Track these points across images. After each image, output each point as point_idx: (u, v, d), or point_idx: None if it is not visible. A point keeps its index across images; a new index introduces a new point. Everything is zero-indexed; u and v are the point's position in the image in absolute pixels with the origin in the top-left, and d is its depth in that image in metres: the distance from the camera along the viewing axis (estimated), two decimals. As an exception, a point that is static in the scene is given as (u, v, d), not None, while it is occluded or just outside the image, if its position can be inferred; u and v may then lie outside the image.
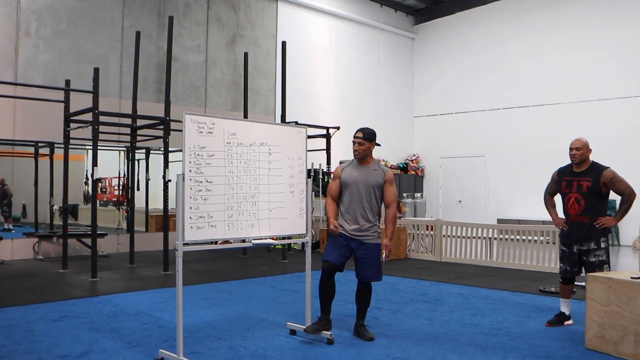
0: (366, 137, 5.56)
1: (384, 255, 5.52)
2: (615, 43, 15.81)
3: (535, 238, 10.45)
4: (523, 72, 17.62)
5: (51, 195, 12.25)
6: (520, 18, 17.86)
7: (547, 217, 6.60)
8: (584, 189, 5.85)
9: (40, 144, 12.60)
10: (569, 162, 6.08)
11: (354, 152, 5.59)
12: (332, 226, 5.43)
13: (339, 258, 5.40)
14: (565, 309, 6.14)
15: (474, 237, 11.48)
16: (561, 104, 16.72)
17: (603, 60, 16.00)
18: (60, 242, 10.72)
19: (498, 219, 16.94)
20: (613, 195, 5.97)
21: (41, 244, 11.47)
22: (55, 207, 12.26)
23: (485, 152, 18.49)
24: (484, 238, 11.41)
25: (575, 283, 6.28)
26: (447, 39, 19.84)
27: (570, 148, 6.00)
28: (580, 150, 5.93)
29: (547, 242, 10.27)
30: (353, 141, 5.58)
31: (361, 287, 5.62)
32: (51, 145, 12.24)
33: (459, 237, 11.66)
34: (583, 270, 6.00)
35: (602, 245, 5.85)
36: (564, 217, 6.08)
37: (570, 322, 6.11)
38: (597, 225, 5.80)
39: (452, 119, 19.46)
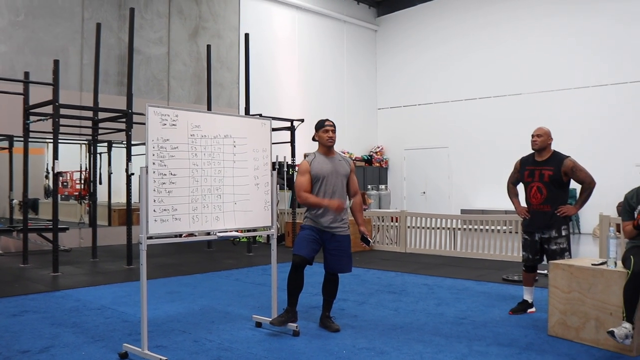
0: (334, 126, 5.61)
1: (370, 240, 5.58)
2: (577, 33, 16.03)
3: (498, 228, 10.57)
4: (485, 64, 17.81)
5: (10, 189, 12.02)
6: (482, 9, 18.04)
7: (510, 206, 6.69)
8: (545, 178, 5.93)
9: (-2, 138, 12.35)
10: (531, 151, 6.17)
11: (328, 140, 5.50)
12: (335, 204, 5.37)
13: (310, 252, 5.38)
14: (528, 297, 6.23)
15: (438, 228, 11.58)
16: (522, 95, 16.96)
17: (565, 51, 16.23)
18: (20, 237, 10.51)
19: (462, 210, 17.10)
20: (573, 184, 6.07)
21: (1, 239, 11.24)
22: (15, 201, 12.05)
23: (448, 144, 18.66)
24: (448, 228, 11.53)
25: (538, 271, 6.37)
26: (409, 30, 19.93)
27: (532, 135, 6.09)
28: (541, 137, 6.01)
29: (510, 232, 10.40)
30: (327, 129, 5.51)
31: (329, 278, 5.62)
32: (10, 138, 11.97)
33: (423, 228, 11.73)
34: (545, 258, 6.09)
35: (563, 233, 5.94)
36: (527, 206, 6.16)
37: (533, 309, 6.19)
38: (558, 214, 5.89)
39: (416, 111, 19.59)
